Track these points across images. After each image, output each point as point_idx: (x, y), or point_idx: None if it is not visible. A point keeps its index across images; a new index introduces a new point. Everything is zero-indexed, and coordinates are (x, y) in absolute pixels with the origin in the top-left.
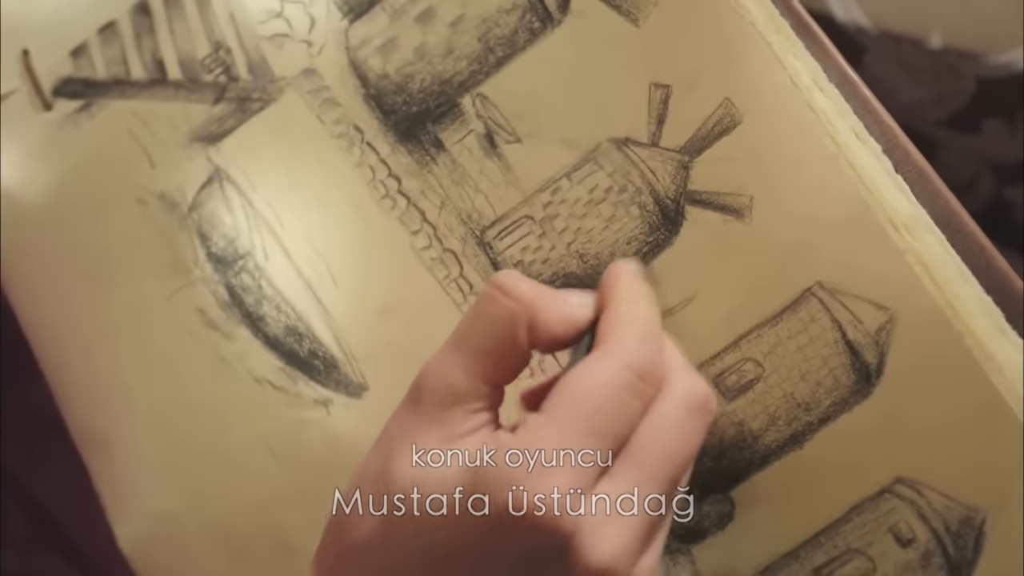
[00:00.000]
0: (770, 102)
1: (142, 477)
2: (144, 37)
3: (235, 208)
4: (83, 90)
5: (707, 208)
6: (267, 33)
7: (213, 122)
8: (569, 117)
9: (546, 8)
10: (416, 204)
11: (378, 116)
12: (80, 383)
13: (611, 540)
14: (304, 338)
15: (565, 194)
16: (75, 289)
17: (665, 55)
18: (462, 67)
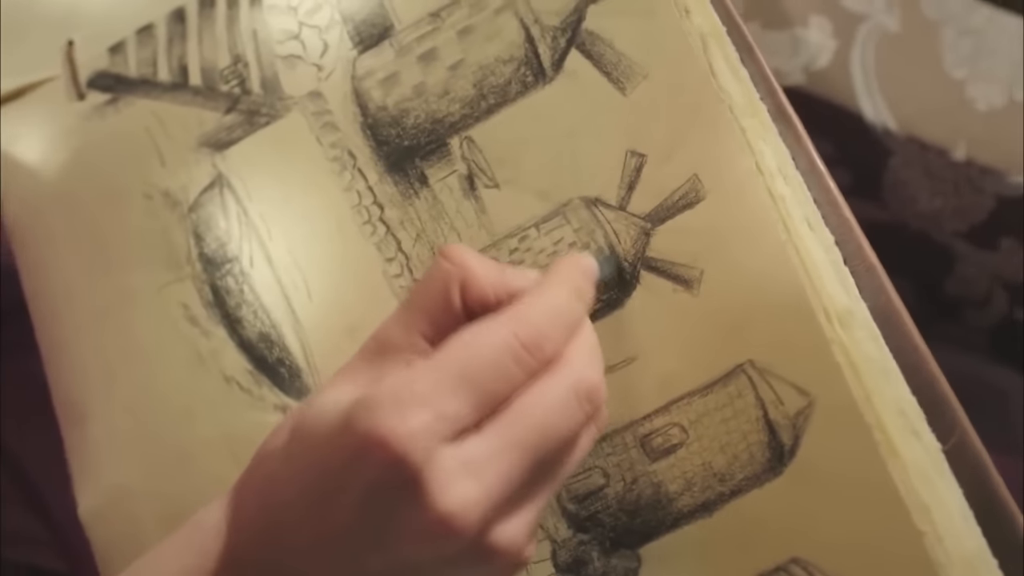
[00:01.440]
0: (733, 183)
1: (108, 453)
2: (175, 42)
3: (231, 214)
4: (114, 85)
5: (660, 275)
6: (283, 53)
7: (222, 130)
8: (547, 170)
9: (541, 64)
10: (394, 233)
11: (372, 145)
12: (68, 358)
13: (461, 490)
14: (275, 345)
15: (532, 243)
16: (75, 268)
17: (645, 125)
18: (455, 109)
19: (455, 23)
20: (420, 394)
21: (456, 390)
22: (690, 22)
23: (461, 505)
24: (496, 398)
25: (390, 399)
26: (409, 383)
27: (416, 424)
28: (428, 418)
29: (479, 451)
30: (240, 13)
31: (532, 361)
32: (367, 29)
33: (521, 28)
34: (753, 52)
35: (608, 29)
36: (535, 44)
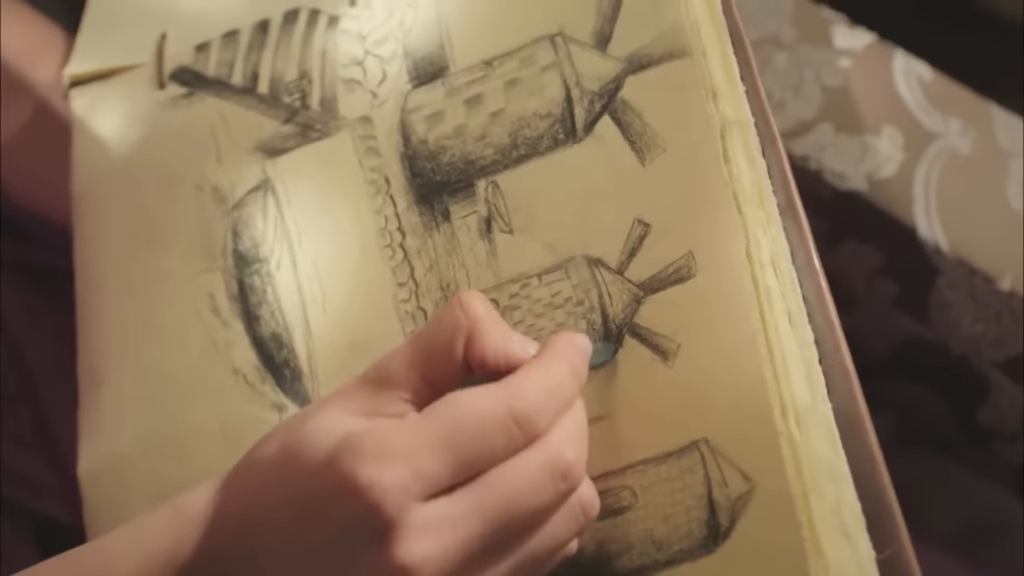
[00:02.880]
0: (723, 267)
1: (114, 420)
2: (254, 50)
3: (269, 217)
4: (192, 80)
5: (642, 343)
6: (345, 76)
7: (278, 139)
8: (558, 225)
9: (574, 124)
10: (410, 260)
11: (407, 175)
12: (96, 324)
13: (422, 547)
14: (284, 347)
15: (532, 291)
16: (120, 242)
17: (656, 197)
18: (488, 154)
19: (504, 74)
20: (404, 451)
21: (438, 453)
22: (715, 106)
23: (420, 560)
24: (476, 465)
25: (375, 449)
26: (396, 436)
27: (394, 479)
28: (406, 475)
29: (445, 513)
30: (316, 32)
31: (520, 436)
32: (424, 67)
33: (563, 88)
34: (776, 144)
35: (640, 100)
36: (572, 105)
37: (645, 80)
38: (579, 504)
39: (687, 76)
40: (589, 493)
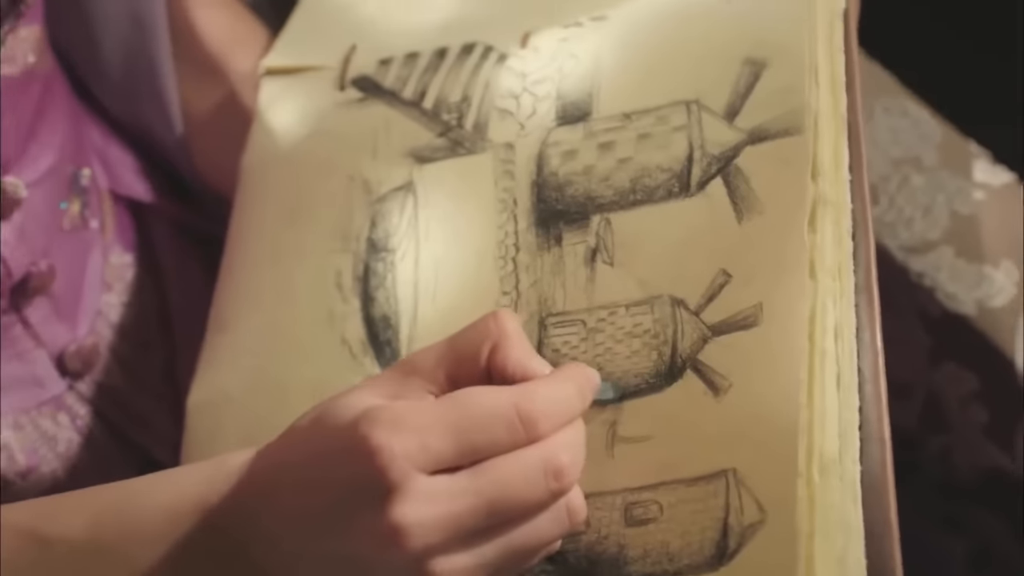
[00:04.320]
0: (786, 322)
1: (228, 362)
2: (428, 71)
3: (405, 214)
4: (370, 88)
5: (699, 377)
6: (500, 105)
7: (429, 149)
8: (654, 265)
9: (689, 181)
10: (518, 273)
11: (533, 200)
12: (233, 279)
13: (416, 512)
14: (390, 328)
15: (617, 319)
16: (272, 214)
17: (742, 251)
18: (608, 194)
19: (639, 127)
20: (416, 425)
21: (446, 433)
22: (815, 183)
23: (412, 523)
24: (478, 452)
25: (391, 419)
26: (412, 412)
27: (402, 446)
28: (414, 446)
29: (444, 487)
30: (485, 65)
31: (522, 433)
32: (571, 110)
33: (688, 148)
34: (868, 232)
35: (751, 168)
36: (692, 164)
37: (759, 151)
38: (567, 508)
39: (796, 152)
40: (578, 500)
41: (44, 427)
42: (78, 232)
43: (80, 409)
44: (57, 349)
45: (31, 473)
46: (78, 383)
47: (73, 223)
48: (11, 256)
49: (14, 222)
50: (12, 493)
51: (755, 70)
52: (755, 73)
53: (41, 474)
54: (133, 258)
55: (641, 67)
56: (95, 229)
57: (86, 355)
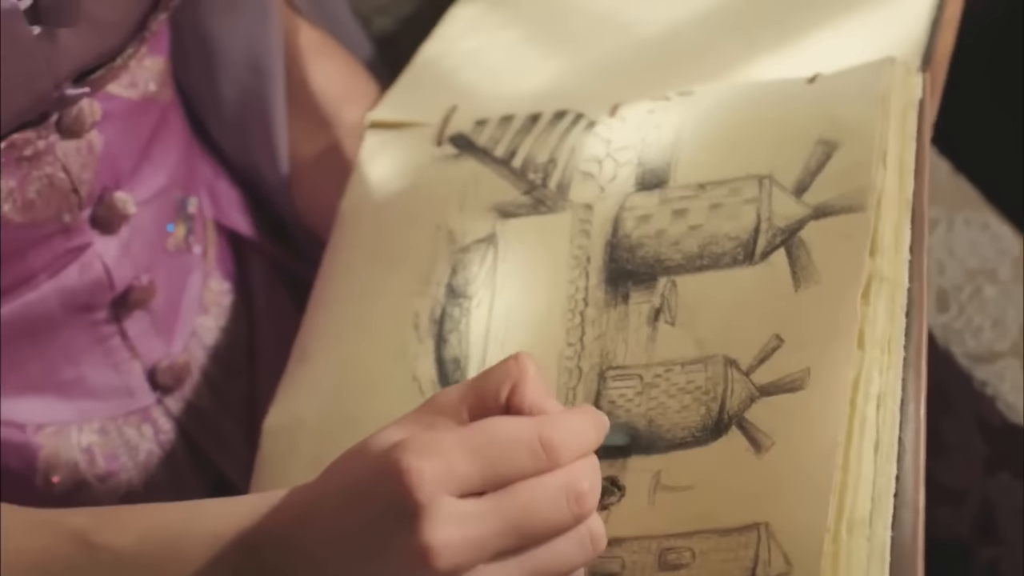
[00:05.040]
0: (830, 387)
1: (305, 389)
2: (520, 133)
3: (485, 265)
4: (464, 145)
5: (743, 433)
6: (583, 168)
7: (513, 205)
8: (712, 327)
9: (754, 251)
10: (584, 326)
11: (605, 258)
12: (317, 312)
13: (445, 533)
14: (459, 370)
15: (673, 376)
16: (359, 254)
17: (796, 318)
18: (676, 258)
19: (712, 197)
20: (443, 450)
21: (472, 457)
22: (873, 260)
23: (443, 544)
24: (502, 476)
25: (420, 445)
26: (440, 439)
27: (431, 470)
28: (442, 469)
29: (471, 510)
30: (574, 131)
31: (544, 459)
32: (650, 177)
33: (756, 220)
34: (922, 311)
35: (813, 240)
36: (759, 235)
37: (822, 225)
38: (588, 533)
39: (857, 228)
40: (599, 527)
41: (128, 436)
42: (181, 255)
43: (164, 423)
44: (151, 363)
45: (109, 478)
46: (166, 398)
47: (177, 246)
48: (115, 269)
49: (121, 236)
50: (88, 494)
51: (827, 150)
52: (827, 153)
53: (118, 480)
54: (230, 286)
55: (720, 141)
56: (197, 254)
57: (177, 371)
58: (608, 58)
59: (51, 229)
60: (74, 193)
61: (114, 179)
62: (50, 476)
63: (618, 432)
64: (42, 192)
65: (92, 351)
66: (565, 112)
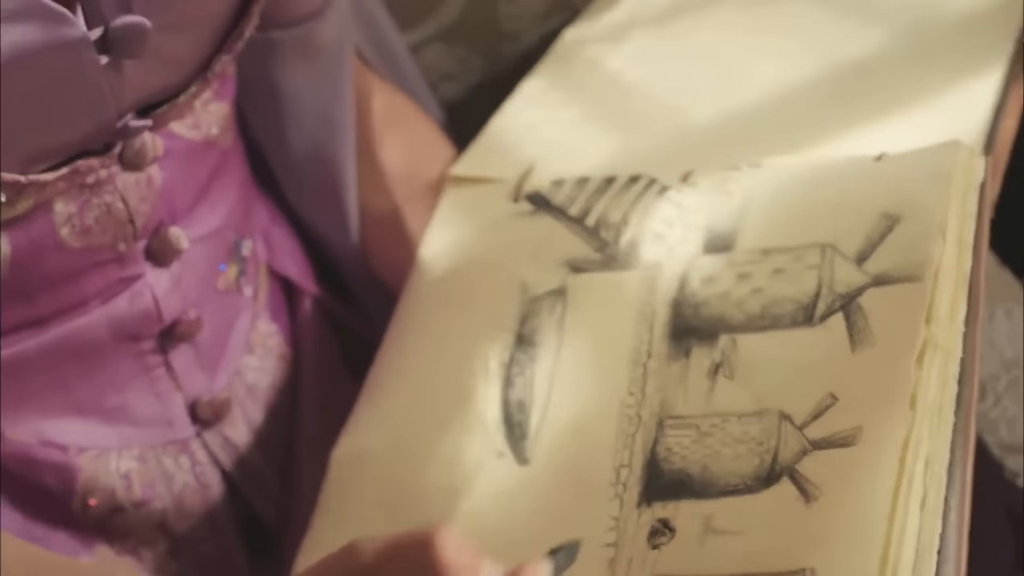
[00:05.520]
0: (881, 445)
1: (376, 421)
2: (595, 194)
3: (554, 315)
4: (540, 203)
5: (794, 484)
6: (655, 229)
7: (584, 261)
8: (769, 383)
9: (813, 314)
10: (646, 377)
11: (670, 315)
12: (395, 348)
13: None
14: (523, 411)
15: (729, 427)
16: (433, 296)
17: (851, 379)
18: (738, 318)
19: (775, 262)
20: None
21: None
22: (928, 328)
23: None
24: None
25: None
26: None
27: None
28: None
29: None
30: (647, 195)
31: None
32: (717, 241)
33: (817, 285)
34: (973, 382)
35: (871, 306)
36: (819, 299)
37: (881, 292)
38: None
39: (914, 297)
40: None
41: (165, 465)
42: (231, 295)
43: (201, 456)
44: (192, 396)
45: (144, 505)
46: (205, 431)
47: (228, 285)
48: (164, 301)
49: (172, 271)
50: (122, 520)
51: (890, 223)
52: (889, 226)
53: (152, 508)
54: (277, 329)
55: (786, 210)
56: (248, 296)
57: (217, 407)
58: (680, 130)
59: (106, 256)
60: (130, 224)
61: (170, 214)
62: (88, 499)
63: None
64: (100, 219)
65: (137, 380)
66: (639, 176)
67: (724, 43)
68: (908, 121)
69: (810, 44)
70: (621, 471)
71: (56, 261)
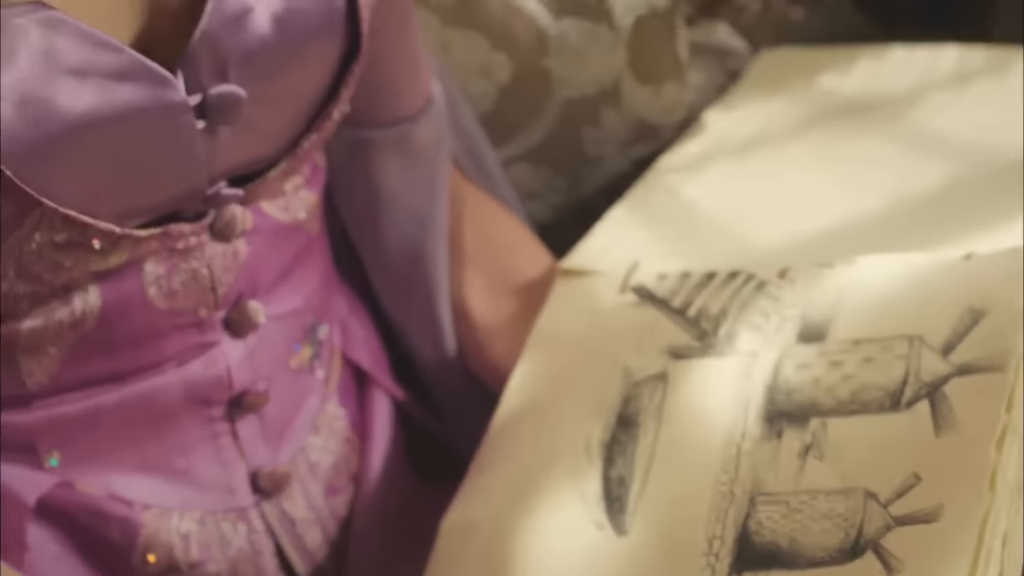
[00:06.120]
0: (961, 522)
1: (483, 496)
2: (696, 288)
3: (655, 398)
4: (645, 295)
5: (878, 558)
6: (752, 321)
7: (685, 348)
8: (856, 464)
9: (900, 400)
10: (740, 456)
11: (764, 399)
12: (500, 427)
13: None
14: (623, 486)
15: (816, 503)
16: (542, 378)
17: (934, 460)
18: (829, 403)
19: (865, 352)
20: None
21: None
22: (1008, 415)
23: None
24: None
25: None
26: None
27: None
28: None
29: None
30: (746, 289)
31: None
32: (810, 332)
33: (904, 374)
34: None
35: (955, 395)
36: (905, 387)
37: (964, 381)
38: None
39: (996, 386)
40: None
41: (223, 530)
42: (303, 375)
43: (258, 524)
44: (255, 466)
45: (199, 567)
46: (264, 502)
47: (301, 366)
48: (236, 370)
49: (248, 342)
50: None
51: (976, 317)
52: (975, 319)
53: (206, 570)
54: (345, 414)
55: (877, 304)
56: (320, 378)
57: (278, 479)
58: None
59: (187, 320)
60: (212, 292)
61: (251, 288)
62: (147, 555)
63: None
64: (185, 284)
65: (204, 445)
66: (738, 272)
67: (799, 176)
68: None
69: (881, 177)
70: (714, 542)
71: (141, 319)
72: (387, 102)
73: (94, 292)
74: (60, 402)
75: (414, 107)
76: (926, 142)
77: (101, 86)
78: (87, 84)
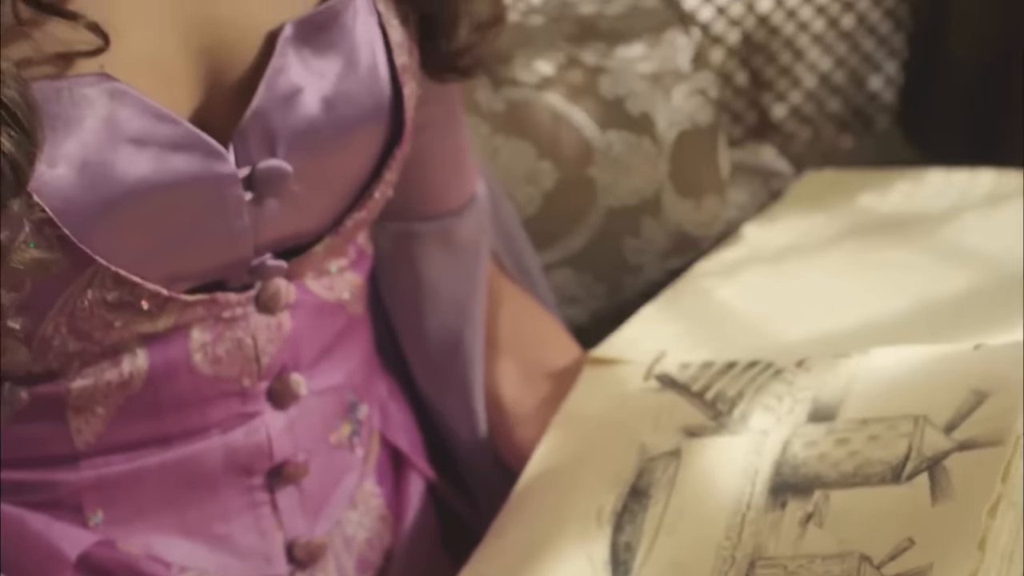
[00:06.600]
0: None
1: (496, 558)
2: (716, 375)
3: (667, 472)
4: (667, 382)
5: None
6: (766, 403)
7: (699, 428)
8: (854, 532)
9: (901, 474)
10: (744, 524)
11: (771, 472)
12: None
13: None
14: (629, 551)
15: (814, 566)
16: (563, 451)
17: (929, 526)
18: (833, 476)
19: (871, 430)
20: None
21: None
22: (1004, 485)
23: None
24: None
25: None
26: None
27: None
28: None
29: None
30: (763, 375)
31: None
32: (820, 412)
33: (907, 449)
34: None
35: (954, 468)
36: (907, 462)
37: (965, 456)
38: None
39: (994, 459)
40: None
41: None
42: (343, 451)
43: None
44: (291, 537)
45: None
46: (298, 573)
47: (340, 442)
48: (277, 440)
49: (289, 414)
50: None
51: (979, 398)
52: (978, 401)
53: None
54: (382, 492)
55: (887, 388)
56: (359, 456)
57: (313, 550)
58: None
59: (231, 388)
60: (256, 362)
61: (294, 361)
62: None
63: None
64: (230, 352)
65: (244, 514)
66: (757, 361)
67: (829, 280)
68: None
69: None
70: None
71: (187, 383)
72: (432, 197)
73: (142, 355)
74: (106, 462)
75: (458, 203)
76: (954, 254)
77: (157, 155)
78: (144, 152)
